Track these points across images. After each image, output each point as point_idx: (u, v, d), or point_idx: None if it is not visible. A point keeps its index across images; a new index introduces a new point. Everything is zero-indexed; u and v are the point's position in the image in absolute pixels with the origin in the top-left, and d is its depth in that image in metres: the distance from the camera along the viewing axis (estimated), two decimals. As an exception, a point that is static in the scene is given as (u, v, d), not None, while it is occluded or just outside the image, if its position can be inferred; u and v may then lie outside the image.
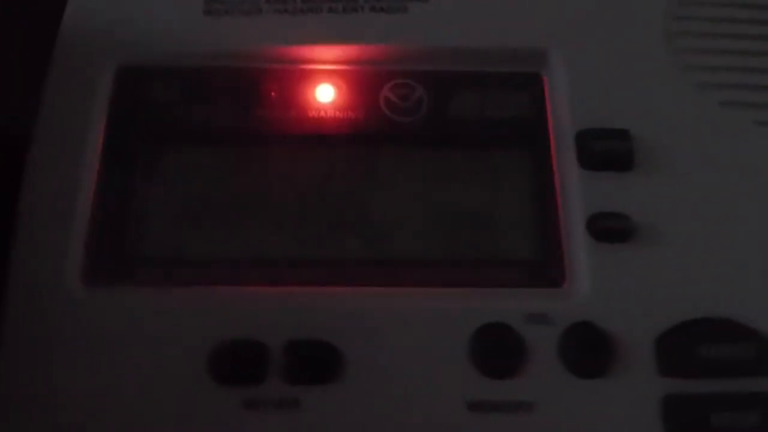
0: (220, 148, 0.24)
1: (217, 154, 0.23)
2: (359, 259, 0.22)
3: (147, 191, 0.23)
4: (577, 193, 0.23)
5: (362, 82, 0.24)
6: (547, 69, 0.25)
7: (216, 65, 0.24)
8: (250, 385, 0.20)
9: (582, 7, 0.25)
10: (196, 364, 0.21)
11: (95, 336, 0.21)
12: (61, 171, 0.23)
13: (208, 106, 0.24)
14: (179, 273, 0.22)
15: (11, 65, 0.29)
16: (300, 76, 0.24)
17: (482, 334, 0.21)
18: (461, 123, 0.24)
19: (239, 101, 0.24)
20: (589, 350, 0.21)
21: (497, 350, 0.21)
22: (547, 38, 0.25)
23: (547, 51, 0.25)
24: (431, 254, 0.22)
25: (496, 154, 0.24)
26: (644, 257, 0.22)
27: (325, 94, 0.24)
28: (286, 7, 0.25)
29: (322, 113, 0.24)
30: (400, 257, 0.22)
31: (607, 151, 0.23)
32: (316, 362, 0.21)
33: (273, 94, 0.24)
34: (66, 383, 0.21)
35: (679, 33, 0.25)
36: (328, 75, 0.24)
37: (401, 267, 0.22)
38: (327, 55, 0.25)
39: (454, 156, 0.24)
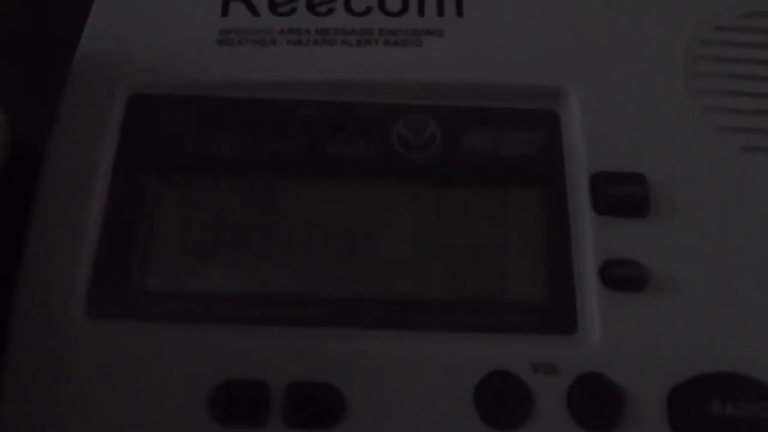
0: (229, 180, 0.23)
1: (226, 186, 0.23)
2: (365, 299, 0.22)
3: (154, 222, 0.23)
4: (590, 238, 0.22)
5: (374, 116, 0.24)
6: (564, 107, 0.24)
7: (228, 96, 0.24)
8: (251, 427, 0.20)
9: (601, 45, 0.25)
10: (196, 402, 0.20)
11: (97, 369, 0.21)
12: (68, 201, 0.22)
13: (218, 137, 0.24)
14: (183, 308, 0.22)
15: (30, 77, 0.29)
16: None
17: (488, 383, 0.20)
18: (474, 160, 0.24)
19: (249, 133, 0.24)
20: (598, 403, 0.20)
21: (503, 400, 0.20)
22: (564, 76, 0.24)
23: (564, 89, 0.24)
24: (439, 296, 0.22)
25: (508, 193, 0.23)
26: (658, 307, 0.21)
27: (336, 128, 0.24)
28: (300, 38, 0.25)
29: (333, 147, 0.24)
30: (407, 298, 0.22)
31: (622, 196, 0.22)
32: (317, 405, 0.20)
33: (284, 126, 0.24)
34: (66, 416, 0.20)
35: (700, 73, 0.24)
36: (340, 108, 0.24)
37: (408, 309, 0.22)
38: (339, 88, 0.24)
39: (465, 194, 0.23)
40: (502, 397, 0.20)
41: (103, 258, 0.22)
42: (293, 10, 0.25)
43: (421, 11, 0.26)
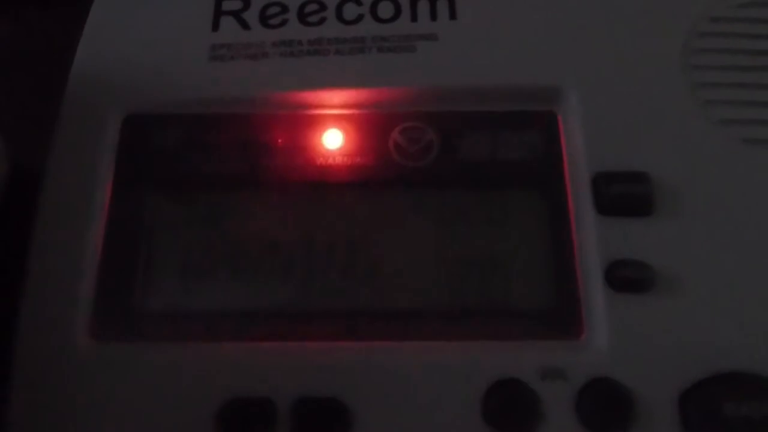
0: (226, 197, 0.23)
1: (224, 203, 0.23)
2: (368, 311, 0.22)
3: (154, 242, 0.23)
4: (594, 239, 0.22)
5: (371, 126, 0.24)
6: (562, 107, 0.24)
7: (222, 112, 0.24)
8: (258, 445, 0.20)
9: (597, 42, 0.24)
10: (203, 421, 0.20)
11: (102, 392, 0.21)
12: (68, 223, 0.22)
13: (215, 154, 0.24)
14: (187, 327, 0.22)
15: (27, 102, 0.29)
16: (307, 122, 0.24)
17: (496, 391, 0.20)
18: (473, 166, 0.23)
19: (246, 149, 0.24)
20: (608, 408, 0.20)
21: (511, 408, 0.20)
22: (561, 75, 0.24)
23: (561, 88, 0.24)
24: (443, 305, 0.22)
25: (509, 197, 0.23)
26: (666, 308, 0.21)
27: (332, 140, 0.24)
28: (292, 50, 0.25)
29: (330, 160, 0.23)
30: (411, 309, 0.22)
31: (625, 195, 0.22)
32: (324, 420, 0.20)
33: (280, 141, 0.24)
34: (72, 439, 0.20)
35: (698, 66, 0.24)
36: (336, 120, 0.24)
37: (411, 319, 0.22)
38: (334, 99, 0.24)
39: (466, 200, 0.23)
40: (510, 406, 0.20)
41: (105, 280, 0.22)
42: (284, 22, 0.25)
43: (414, 16, 0.25)
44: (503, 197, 0.23)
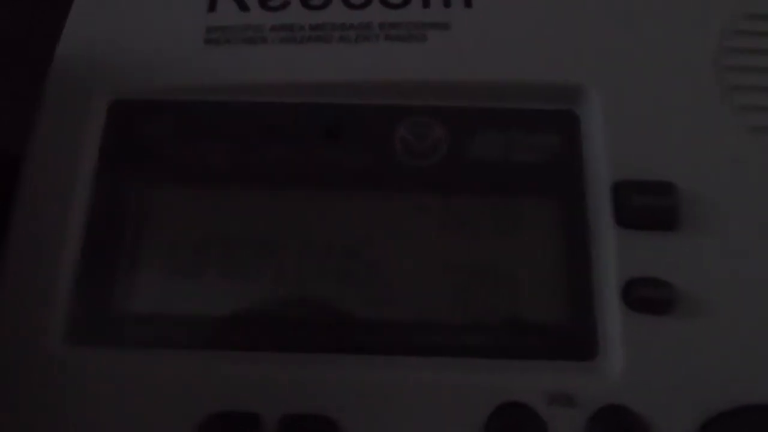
0: (218, 192, 0.22)
1: (213, 198, 0.22)
2: (364, 322, 0.20)
3: (137, 239, 0.21)
4: (613, 254, 0.20)
5: (375, 119, 0.22)
6: (583, 107, 0.22)
7: (216, 99, 0.22)
8: (241, 463, 0.19)
9: (623, 38, 0.23)
10: (184, 436, 0.19)
11: (76, 399, 0.20)
12: (46, 216, 0.21)
13: (206, 146, 0.22)
14: (168, 333, 0.20)
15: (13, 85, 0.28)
16: (306, 113, 0.22)
17: (499, 416, 0.19)
18: (484, 167, 0.22)
19: (239, 140, 0.22)
20: (621, 440, 0.18)
21: (516, 436, 0.18)
22: (583, 72, 0.22)
23: (582, 87, 0.22)
24: (444, 318, 0.20)
25: (522, 203, 0.21)
26: (687, 331, 0.19)
27: (333, 133, 0.22)
28: (293, 35, 0.23)
29: (330, 154, 0.22)
30: (410, 321, 0.20)
31: (648, 207, 0.20)
32: (312, 440, 0.19)
33: (276, 132, 0.22)
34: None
35: (733, 68, 0.22)
36: (338, 111, 0.22)
37: (410, 332, 0.20)
38: (337, 89, 0.22)
39: (475, 205, 0.21)
40: (514, 432, 0.19)
41: (83, 279, 0.21)
42: (285, 4, 0.23)
43: (426, 2, 0.24)
44: (515, 203, 0.21)
